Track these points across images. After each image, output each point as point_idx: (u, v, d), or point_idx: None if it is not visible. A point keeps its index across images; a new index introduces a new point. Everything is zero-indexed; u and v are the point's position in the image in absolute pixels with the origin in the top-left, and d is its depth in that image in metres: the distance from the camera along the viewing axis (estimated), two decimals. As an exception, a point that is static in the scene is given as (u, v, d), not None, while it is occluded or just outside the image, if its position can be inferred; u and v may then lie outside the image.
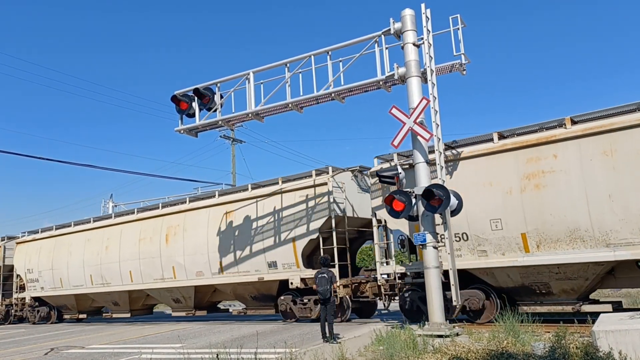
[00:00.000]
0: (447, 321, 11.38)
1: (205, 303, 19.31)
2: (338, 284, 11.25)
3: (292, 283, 15.67)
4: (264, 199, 16.77)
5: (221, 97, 14.56)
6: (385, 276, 14.12)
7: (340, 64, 13.11)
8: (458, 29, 11.93)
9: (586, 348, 7.40)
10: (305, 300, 15.75)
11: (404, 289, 13.76)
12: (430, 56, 11.98)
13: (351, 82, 12.90)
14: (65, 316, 24.27)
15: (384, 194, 13.17)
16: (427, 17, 12.04)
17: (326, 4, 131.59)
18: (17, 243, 25.41)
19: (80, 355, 12.55)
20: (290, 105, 13.59)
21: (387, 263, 14.20)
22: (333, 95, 13.09)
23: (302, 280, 15.48)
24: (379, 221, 14.32)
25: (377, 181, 13.46)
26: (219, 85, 14.59)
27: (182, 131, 14.92)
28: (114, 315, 22.03)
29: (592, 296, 12.73)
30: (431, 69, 11.94)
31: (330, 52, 13.11)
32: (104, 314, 23.67)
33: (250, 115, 14.13)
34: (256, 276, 16.61)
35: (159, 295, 19.99)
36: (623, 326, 7.45)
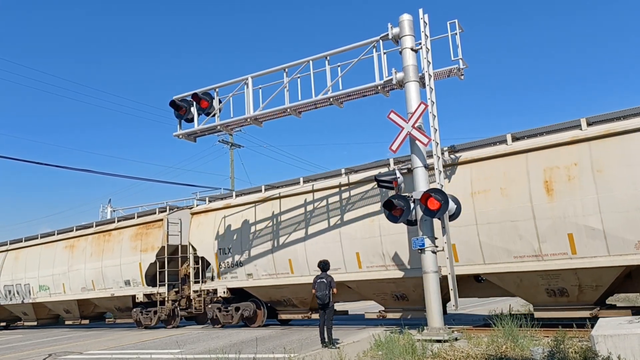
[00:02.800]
0: (446, 326, 11.36)
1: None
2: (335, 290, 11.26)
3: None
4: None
5: (220, 102, 14.58)
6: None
7: (339, 68, 13.13)
8: (456, 34, 11.96)
9: (585, 353, 7.41)
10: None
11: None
12: (428, 61, 12.01)
13: (349, 87, 12.93)
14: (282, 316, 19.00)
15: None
16: (425, 22, 12.07)
17: (324, 10, 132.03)
18: (194, 214, 19.05)
19: (78, 361, 12.51)
20: (288, 110, 13.61)
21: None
22: (331, 100, 13.11)
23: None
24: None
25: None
26: (217, 90, 14.62)
27: (180, 136, 14.93)
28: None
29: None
30: (429, 74, 11.96)
31: (328, 57, 13.14)
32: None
33: (248, 120, 14.14)
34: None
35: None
36: (622, 331, 7.44)
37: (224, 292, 17.30)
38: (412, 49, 12.13)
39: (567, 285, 11.57)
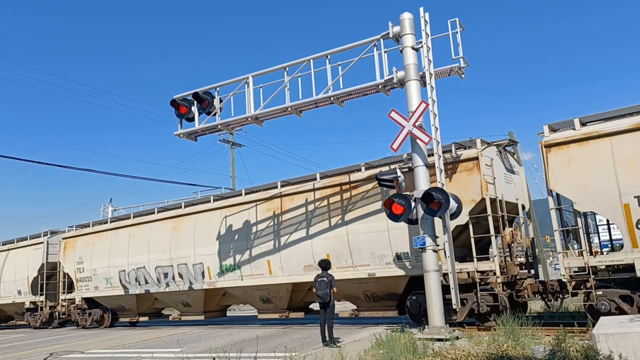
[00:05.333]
0: (447, 324, 11.35)
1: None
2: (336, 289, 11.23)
3: None
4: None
5: (220, 101, 14.57)
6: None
7: (340, 67, 13.13)
8: (457, 32, 11.95)
9: (586, 351, 7.40)
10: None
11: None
12: (429, 60, 11.99)
13: (350, 85, 12.93)
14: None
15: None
16: (425, 20, 12.06)
17: (325, 9, 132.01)
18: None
19: (80, 360, 12.53)
20: (289, 109, 13.60)
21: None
22: (332, 99, 13.10)
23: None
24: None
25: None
26: (218, 89, 14.61)
27: (181, 135, 14.92)
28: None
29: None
30: (430, 73, 11.95)
31: (329, 56, 13.13)
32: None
33: (249, 119, 14.14)
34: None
35: None
36: (623, 329, 7.43)
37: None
38: (412, 48, 12.12)
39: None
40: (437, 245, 11.52)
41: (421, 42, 12.07)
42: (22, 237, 26.51)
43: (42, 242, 24.22)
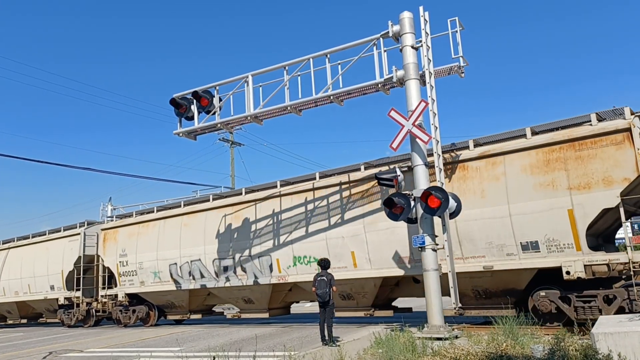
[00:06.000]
0: (446, 324, 11.36)
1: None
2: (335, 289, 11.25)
3: None
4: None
5: (220, 100, 14.56)
6: None
7: (339, 66, 13.12)
8: (456, 31, 11.94)
9: (585, 350, 7.39)
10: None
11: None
12: (428, 59, 11.99)
13: (350, 84, 12.92)
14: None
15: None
16: (425, 19, 12.05)
17: (325, 8, 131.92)
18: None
19: (79, 359, 12.52)
20: (289, 108, 13.59)
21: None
22: (332, 98, 13.09)
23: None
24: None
25: None
26: (217, 88, 14.60)
27: (181, 134, 14.91)
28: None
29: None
30: (430, 72, 11.94)
31: (329, 55, 13.12)
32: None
33: (249, 118, 14.13)
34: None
35: None
36: (622, 328, 7.43)
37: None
38: (412, 47, 12.11)
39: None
40: (437, 245, 11.52)
41: (421, 41, 12.07)
42: (54, 228, 24.57)
43: (78, 234, 22.05)
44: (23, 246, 25.21)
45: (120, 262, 20.53)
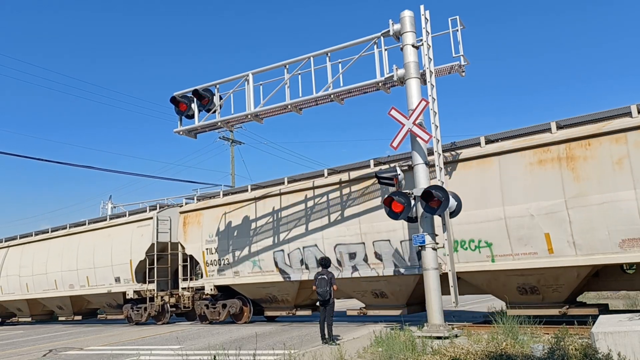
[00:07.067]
0: (446, 323, 11.37)
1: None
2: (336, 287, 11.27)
3: None
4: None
5: (220, 98, 14.56)
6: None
7: (340, 65, 13.12)
8: (457, 30, 11.94)
9: (585, 350, 7.40)
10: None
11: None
12: (429, 58, 11.98)
13: (350, 83, 12.91)
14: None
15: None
16: (426, 18, 12.05)
17: (326, 7, 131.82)
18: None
19: (79, 356, 12.53)
20: (289, 106, 13.59)
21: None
22: (332, 96, 13.09)
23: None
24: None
25: None
26: (218, 86, 14.59)
27: (181, 132, 14.91)
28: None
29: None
30: (430, 71, 11.94)
31: (329, 54, 13.11)
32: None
33: (249, 116, 14.13)
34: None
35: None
36: (622, 328, 7.44)
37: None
38: (413, 46, 12.11)
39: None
40: (437, 244, 11.52)
41: (422, 40, 12.07)
42: (117, 213, 22.57)
43: (149, 218, 19.47)
44: (75, 234, 22.53)
45: (207, 249, 17.64)
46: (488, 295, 13.70)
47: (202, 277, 18.11)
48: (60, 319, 24.58)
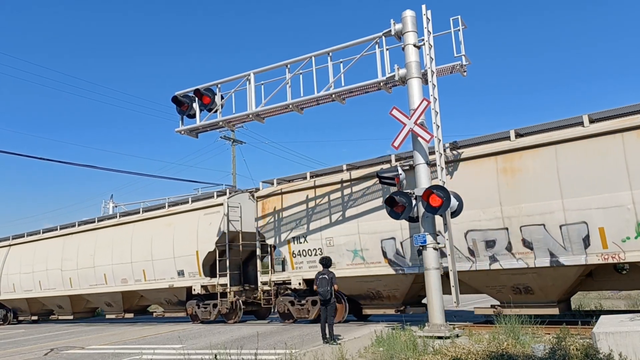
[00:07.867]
0: (447, 322, 11.37)
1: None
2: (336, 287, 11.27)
3: None
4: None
5: (222, 97, 14.57)
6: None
7: (341, 65, 13.11)
8: (459, 30, 11.93)
9: (586, 350, 7.40)
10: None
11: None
12: (430, 57, 11.98)
13: (352, 83, 12.91)
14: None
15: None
16: (427, 18, 12.04)
17: (327, 6, 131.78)
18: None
19: (80, 355, 12.54)
20: (290, 106, 13.59)
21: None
22: (333, 96, 13.09)
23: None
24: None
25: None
26: (219, 86, 14.61)
27: (182, 132, 14.92)
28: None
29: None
30: (432, 70, 11.93)
31: (330, 53, 13.11)
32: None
33: (250, 116, 14.13)
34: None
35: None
36: (623, 328, 7.43)
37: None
38: (414, 45, 12.10)
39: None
40: (438, 243, 11.52)
41: (423, 39, 12.06)
42: (178, 198, 20.32)
43: (219, 204, 17.48)
44: (127, 224, 20.58)
45: (293, 238, 15.64)
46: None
47: (282, 269, 16.22)
48: (108, 316, 22.25)
